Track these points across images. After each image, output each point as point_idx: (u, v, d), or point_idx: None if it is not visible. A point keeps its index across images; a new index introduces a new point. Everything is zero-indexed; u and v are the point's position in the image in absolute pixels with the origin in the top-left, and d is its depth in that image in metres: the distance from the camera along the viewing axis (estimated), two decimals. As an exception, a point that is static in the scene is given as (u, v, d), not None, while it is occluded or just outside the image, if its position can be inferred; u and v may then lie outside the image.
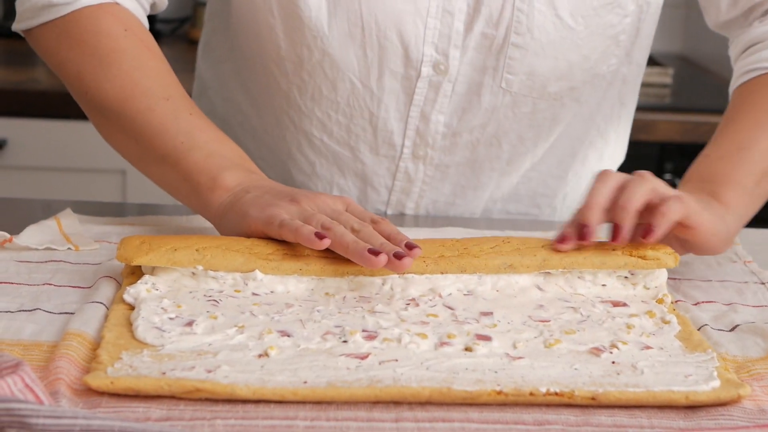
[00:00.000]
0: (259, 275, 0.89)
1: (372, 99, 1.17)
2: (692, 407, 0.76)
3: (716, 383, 0.77)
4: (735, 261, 1.08)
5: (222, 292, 0.89)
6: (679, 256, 0.95)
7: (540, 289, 0.92)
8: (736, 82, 1.15)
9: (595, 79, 1.20)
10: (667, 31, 1.17)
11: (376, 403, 0.74)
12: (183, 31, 2.70)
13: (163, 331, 0.81)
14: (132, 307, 0.86)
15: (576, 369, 0.79)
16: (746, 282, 1.02)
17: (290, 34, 1.14)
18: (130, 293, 0.87)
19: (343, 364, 0.78)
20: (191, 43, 2.62)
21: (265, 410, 0.73)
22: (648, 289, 0.93)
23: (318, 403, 0.74)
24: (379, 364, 0.78)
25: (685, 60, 2.55)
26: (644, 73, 1.29)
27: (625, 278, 0.94)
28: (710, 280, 1.02)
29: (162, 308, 0.85)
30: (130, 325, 0.83)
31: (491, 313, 0.87)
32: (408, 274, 0.91)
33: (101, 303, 0.87)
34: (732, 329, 0.90)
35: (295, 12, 1.12)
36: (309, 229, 0.90)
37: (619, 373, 0.78)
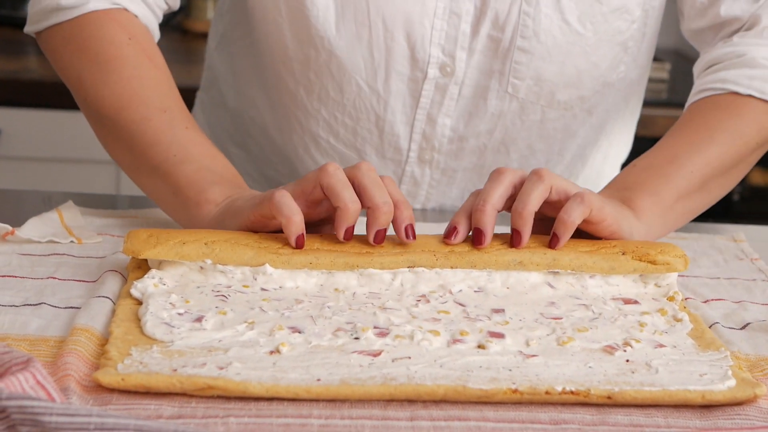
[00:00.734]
0: (269, 269, 0.88)
1: (378, 102, 1.16)
2: (707, 406, 0.76)
3: (732, 382, 0.76)
4: (742, 258, 1.08)
5: (230, 287, 0.88)
6: (689, 259, 0.93)
7: (551, 286, 0.91)
8: (691, 99, 1.13)
9: (605, 88, 1.18)
10: (662, 26, 1.16)
11: (390, 401, 0.74)
12: (177, 21, 2.67)
13: (172, 326, 0.80)
14: (139, 302, 0.85)
15: (590, 367, 0.78)
16: (754, 279, 1.01)
17: (297, 33, 1.13)
18: (138, 288, 0.86)
19: (355, 361, 0.77)
20: (184, 33, 2.60)
21: (278, 408, 0.72)
22: (659, 286, 0.93)
23: (331, 401, 0.73)
24: (392, 361, 0.77)
25: (680, 55, 2.54)
26: None
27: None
28: (718, 278, 1.01)
29: (170, 303, 0.84)
30: (137, 320, 0.82)
31: (503, 310, 0.87)
32: (418, 267, 0.90)
33: (107, 298, 0.86)
34: (743, 327, 0.89)
35: (302, 12, 1.11)
36: (296, 229, 0.88)
37: (633, 372, 0.78)
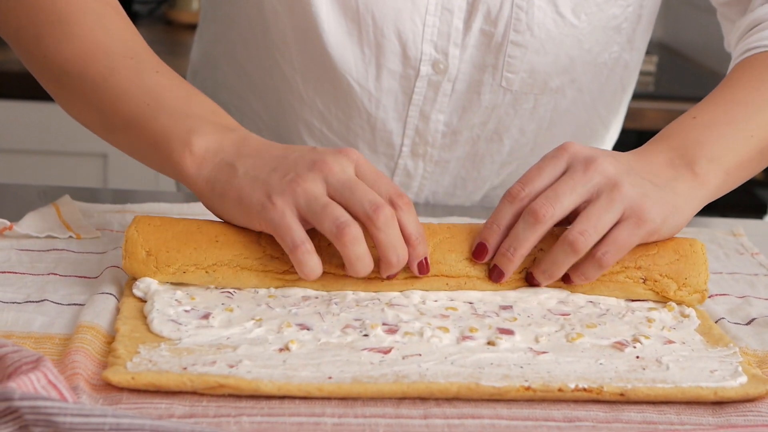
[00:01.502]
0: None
1: (370, 100, 1.14)
2: (719, 403, 0.75)
3: (743, 379, 0.76)
4: (742, 253, 1.08)
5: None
6: (707, 294, 0.90)
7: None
8: (737, 60, 1.08)
9: (597, 67, 1.18)
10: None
11: (402, 399, 0.73)
12: (161, 12, 2.65)
13: (180, 324, 0.79)
14: (142, 300, 0.84)
15: (601, 364, 0.78)
16: (756, 274, 1.01)
17: (294, 23, 1.12)
18: (140, 288, 0.84)
19: (366, 358, 0.76)
20: (169, 24, 2.58)
21: (290, 407, 0.71)
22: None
23: (343, 399, 0.72)
24: (403, 358, 0.76)
25: (667, 48, 2.54)
26: None
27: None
28: (721, 273, 1.01)
29: (176, 300, 0.83)
30: (143, 317, 0.81)
31: (510, 307, 0.86)
32: (430, 291, 0.88)
33: (111, 294, 0.85)
34: (748, 323, 0.89)
35: (299, 5, 1.10)
36: (311, 267, 0.83)
37: (644, 368, 0.77)
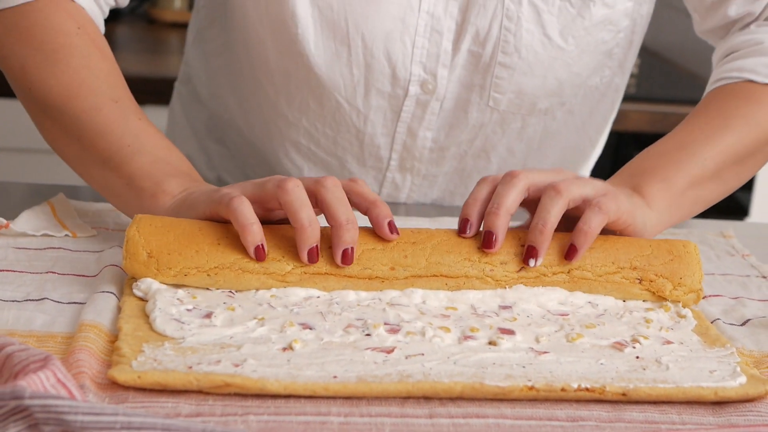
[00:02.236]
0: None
1: (358, 117, 1.15)
2: (719, 403, 0.76)
3: (743, 379, 0.77)
4: (733, 255, 1.09)
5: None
6: (702, 294, 0.91)
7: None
8: (709, 88, 1.11)
9: (587, 90, 1.18)
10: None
11: (406, 398, 0.73)
12: (143, 10, 2.64)
13: (183, 323, 0.79)
14: (143, 299, 0.84)
15: (602, 364, 0.78)
16: (748, 276, 1.02)
17: (278, 47, 1.12)
18: (141, 288, 0.84)
19: (369, 358, 0.76)
20: (150, 22, 2.57)
21: (296, 406, 0.71)
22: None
23: (348, 398, 0.73)
24: (406, 358, 0.77)
25: (649, 51, 2.56)
26: None
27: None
28: (713, 274, 1.02)
29: (178, 299, 0.83)
30: (145, 316, 0.81)
31: (510, 307, 0.87)
32: (430, 289, 0.88)
33: (111, 293, 0.85)
34: (743, 323, 0.90)
35: (283, 27, 1.09)
36: (253, 239, 0.84)
37: (644, 369, 0.78)
